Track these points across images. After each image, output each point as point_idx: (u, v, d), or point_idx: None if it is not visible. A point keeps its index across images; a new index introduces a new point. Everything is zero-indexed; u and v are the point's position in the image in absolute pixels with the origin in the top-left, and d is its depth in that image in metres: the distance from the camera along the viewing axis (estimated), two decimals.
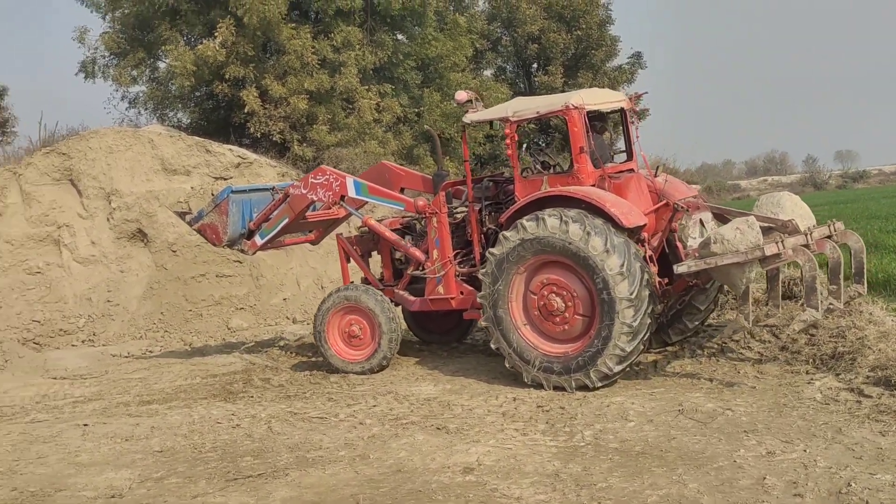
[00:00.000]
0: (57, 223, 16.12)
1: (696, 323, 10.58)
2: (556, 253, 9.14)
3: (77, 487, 7.13)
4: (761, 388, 8.72)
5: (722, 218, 9.67)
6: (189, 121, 23.61)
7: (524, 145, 11.77)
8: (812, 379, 8.74)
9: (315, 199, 11.29)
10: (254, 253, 12.11)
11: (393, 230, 11.29)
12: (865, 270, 9.80)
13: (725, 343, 10.23)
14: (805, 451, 6.76)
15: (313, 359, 11.84)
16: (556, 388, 9.22)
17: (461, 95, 10.44)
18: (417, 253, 10.79)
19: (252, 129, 20.70)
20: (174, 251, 16.27)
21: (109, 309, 15.69)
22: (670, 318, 10.53)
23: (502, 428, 8.08)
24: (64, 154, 16.44)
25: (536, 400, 8.92)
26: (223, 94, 20.83)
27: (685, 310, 10.42)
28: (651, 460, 6.88)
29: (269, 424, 8.70)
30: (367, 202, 11.67)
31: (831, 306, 9.36)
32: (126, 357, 13.50)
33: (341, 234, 12.15)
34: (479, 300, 9.77)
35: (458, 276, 10.44)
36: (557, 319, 9.32)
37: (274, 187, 12.05)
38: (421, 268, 10.75)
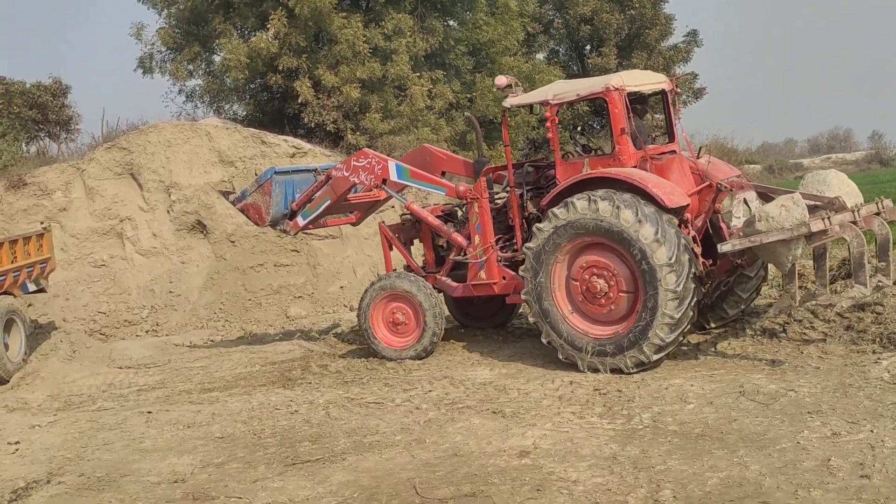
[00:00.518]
0: (119, 216, 16.52)
1: (737, 311, 10.48)
2: (590, 234, 9.13)
3: (141, 473, 7.29)
4: (826, 369, 8.51)
5: (766, 197, 9.47)
6: (244, 113, 23.95)
7: (578, 127, 11.67)
8: (879, 358, 8.48)
9: (357, 181, 11.33)
10: (296, 234, 12.22)
11: (434, 217, 11.34)
12: None
13: (787, 323, 9.99)
14: (872, 431, 6.57)
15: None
16: (613, 371, 9.14)
17: (501, 80, 10.48)
18: (459, 238, 10.80)
19: (306, 119, 20.90)
20: (233, 242, 16.52)
21: (171, 299, 16.01)
22: (712, 302, 10.39)
23: (559, 411, 8.03)
24: (125, 149, 16.81)
25: (593, 383, 8.83)
26: (277, 86, 21.06)
27: (727, 296, 10.34)
28: (711, 442, 6.76)
29: (326, 410, 8.77)
30: (408, 186, 11.69)
31: (880, 283, 9.12)
32: (188, 346, 13.77)
33: (383, 221, 12.21)
34: (523, 297, 9.77)
35: (500, 261, 10.44)
36: (602, 301, 9.28)
37: (317, 169, 12.13)
38: (463, 253, 10.76)
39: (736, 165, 15.34)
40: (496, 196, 10.72)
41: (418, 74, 21.68)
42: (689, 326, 9.23)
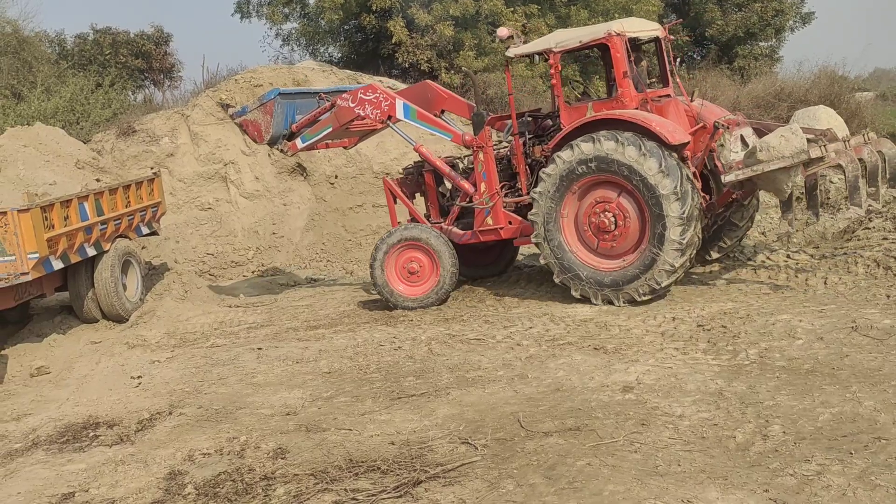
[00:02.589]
0: (223, 161, 17.00)
1: (735, 240, 10.96)
2: (597, 172, 9.61)
3: (255, 406, 7.61)
4: None
5: (761, 133, 9.89)
6: (340, 55, 24.11)
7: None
8: None
9: (362, 113, 11.35)
10: (292, 154, 12.32)
11: (426, 171, 11.54)
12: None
13: None
14: None
15: (468, 284, 12.02)
16: (627, 302, 9.62)
17: (503, 31, 10.84)
18: (467, 185, 10.97)
19: (400, 60, 20.89)
20: (332, 184, 16.81)
21: (275, 241, 16.47)
22: (711, 235, 10.76)
23: (661, 347, 7.96)
24: (226, 94, 17.17)
25: (696, 319, 8.70)
26: (371, 26, 21.07)
27: (724, 227, 10.78)
28: (822, 378, 6.61)
29: (429, 346, 8.93)
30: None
31: (871, 206, 9.92)
32: (293, 286, 14.17)
33: (387, 174, 12.23)
34: (533, 239, 10.18)
35: (505, 206, 10.72)
36: (611, 235, 9.75)
37: (320, 94, 12.13)
38: (469, 200, 10.94)
39: (848, 93, 14.67)
40: (498, 145, 11.04)
41: (512, 10, 21.29)
42: (694, 252, 9.70)
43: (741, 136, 9.91)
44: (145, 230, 13.77)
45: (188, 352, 9.98)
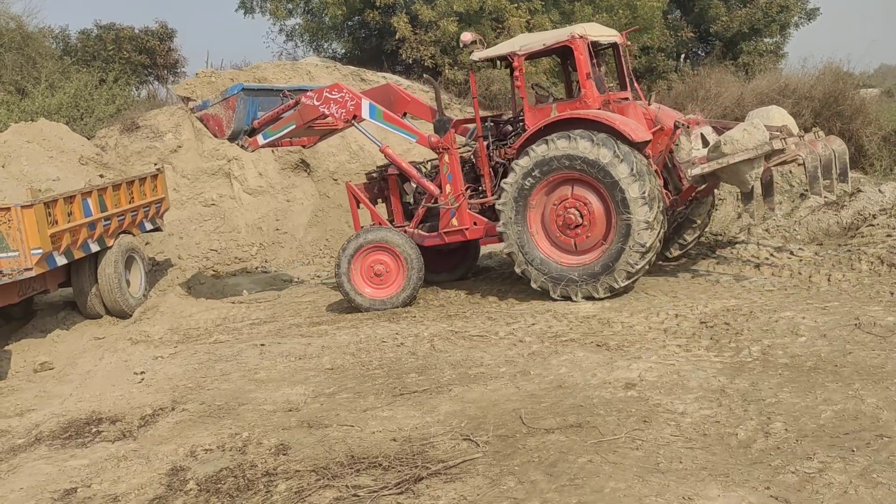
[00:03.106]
0: (227, 157, 17.01)
1: (694, 237, 11.34)
2: (567, 169, 9.79)
3: (258, 402, 7.62)
4: None
5: (721, 132, 10.28)
6: (343, 51, 24.09)
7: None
8: None
9: (326, 112, 11.35)
10: (253, 150, 12.20)
11: (389, 176, 11.63)
12: (848, 170, 10.62)
13: None
14: None
15: (471, 280, 12.01)
16: (585, 298, 9.85)
17: (466, 36, 10.96)
18: (432, 186, 11.06)
19: (404, 56, 20.87)
20: (335, 180, 16.81)
21: (278, 237, 16.48)
22: (671, 233, 11.05)
23: (664, 344, 7.95)
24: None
25: (699, 316, 8.69)
26: (374, 22, 21.06)
27: (683, 225, 11.14)
28: (824, 375, 6.59)
29: (431, 343, 8.93)
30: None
31: (827, 197, 10.66)
32: (296, 282, 14.18)
33: (350, 180, 12.26)
34: (499, 229, 10.28)
35: (470, 207, 10.88)
36: (576, 232, 9.98)
37: (284, 91, 12.09)
38: (434, 201, 11.05)
39: (853, 90, 14.64)
40: (462, 147, 11.16)
41: (515, 5, 21.27)
42: (655, 256, 9.95)
43: (701, 134, 10.34)
44: (149, 226, 13.80)
45: (191, 348, 10.00)
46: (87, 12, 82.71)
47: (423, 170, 11.67)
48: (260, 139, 11.79)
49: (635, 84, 11.06)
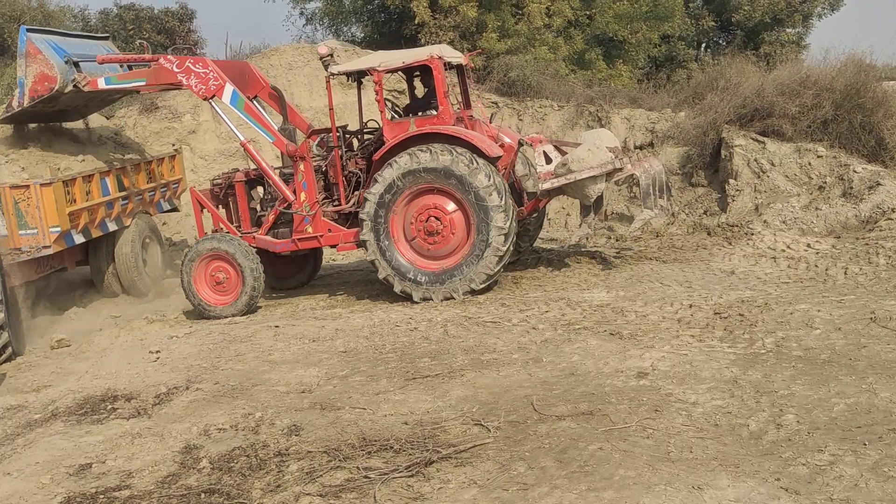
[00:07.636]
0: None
1: (528, 244, 12.14)
2: (429, 181, 10.24)
3: (271, 383, 7.68)
4: None
5: (561, 150, 11.14)
6: (362, 35, 24.04)
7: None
8: None
9: (185, 82, 11.26)
10: (90, 90, 11.69)
11: (236, 182, 11.57)
12: (668, 188, 11.64)
13: None
14: None
15: None
16: (445, 299, 10.23)
17: (322, 49, 11.00)
18: (289, 191, 11.08)
19: (423, 41, 20.74)
20: None
21: None
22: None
23: (677, 334, 7.94)
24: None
25: (714, 307, 8.67)
26: (394, 6, 20.97)
27: (521, 234, 11.57)
28: (838, 369, 6.57)
29: (444, 328, 8.96)
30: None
31: (662, 207, 11.41)
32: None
33: (194, 186, 12.25)
34: (362, 237, 10.57)
35: (324, 215, 11.03)
36: (437, 238, 10.44)
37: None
38: (288, 207, 11.09)
39: (875, 82, 14.46)
40: (316, 156, 11.28)
41: None
42: (507, 259, 10.50)
43: (544, 151, 11.03)
44: (166, 206, 13.88)
45: (206, 328, 10.08)
46: None
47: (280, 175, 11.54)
48: (101, 82, 11.60)
49: (479, 104, 11.72)
